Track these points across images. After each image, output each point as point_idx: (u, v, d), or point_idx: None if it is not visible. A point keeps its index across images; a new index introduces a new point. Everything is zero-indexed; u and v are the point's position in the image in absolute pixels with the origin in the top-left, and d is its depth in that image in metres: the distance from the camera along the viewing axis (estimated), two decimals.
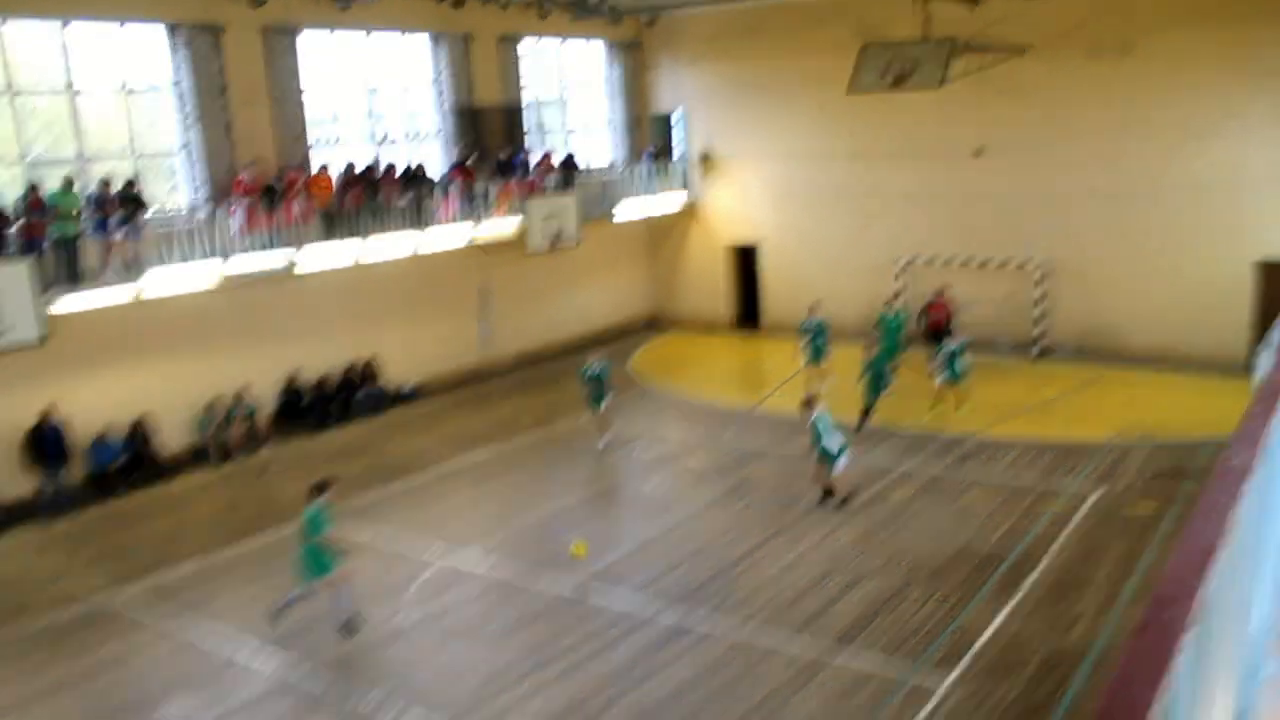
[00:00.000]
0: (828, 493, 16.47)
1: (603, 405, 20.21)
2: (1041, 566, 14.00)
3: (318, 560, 12.89)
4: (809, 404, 16.52)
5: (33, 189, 17.74)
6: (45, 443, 17.84)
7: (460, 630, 13.15)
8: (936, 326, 23.72)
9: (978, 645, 12.03)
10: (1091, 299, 24.87)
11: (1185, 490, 16.29)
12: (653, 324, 31.99)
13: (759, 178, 29.46)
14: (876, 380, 19.98)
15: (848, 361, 21.46)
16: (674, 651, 12.30)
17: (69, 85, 19.22)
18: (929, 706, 10.87)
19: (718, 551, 15.09)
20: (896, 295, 26.20)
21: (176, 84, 20.62)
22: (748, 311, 30.78)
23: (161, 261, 19.07)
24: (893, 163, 26.85)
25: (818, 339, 22.20)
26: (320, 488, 13.26)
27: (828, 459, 16.18)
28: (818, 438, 16.21)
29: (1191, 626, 2.45)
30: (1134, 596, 12.98)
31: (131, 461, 19.09)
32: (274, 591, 14.47)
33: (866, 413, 19.91)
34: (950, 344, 21.06)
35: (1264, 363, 12.48)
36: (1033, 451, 18.56)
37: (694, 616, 13.13)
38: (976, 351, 24.27)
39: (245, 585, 14.92)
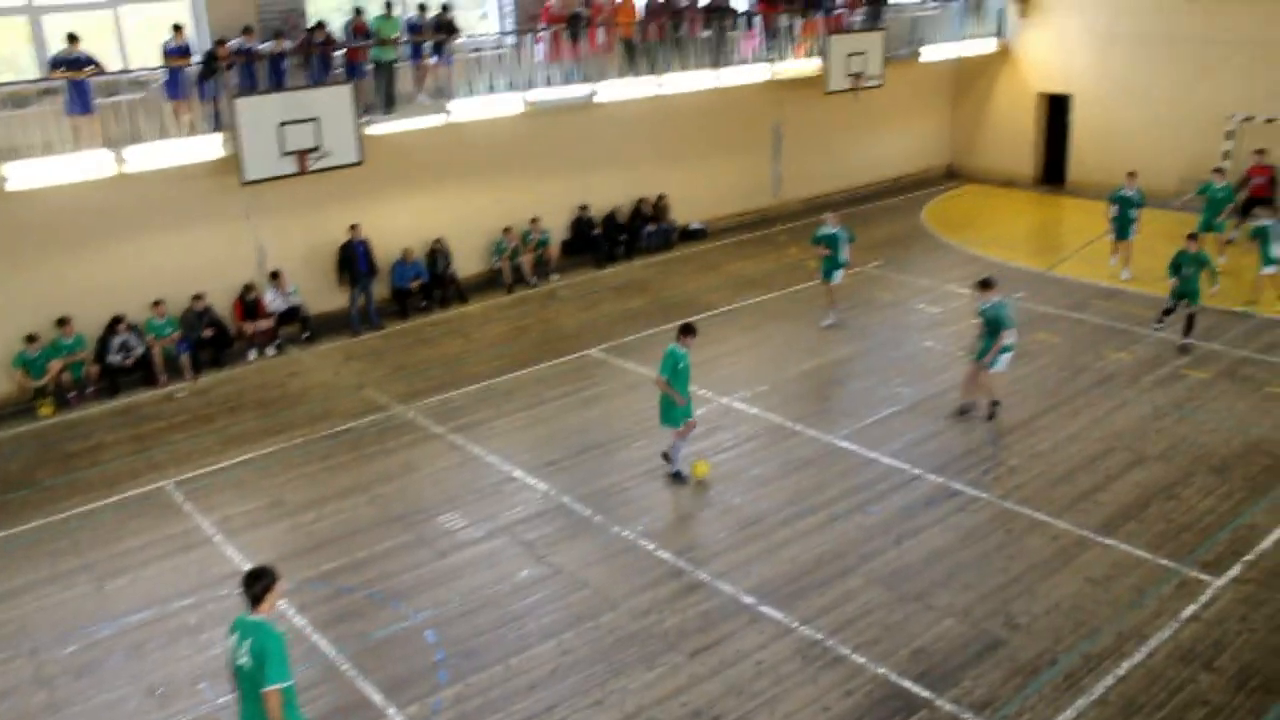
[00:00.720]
0: (994, 403, 14.71)
1: (835, 278, 18.45)
2: None
3: (665, 410, 13.14)
4: (986, 286, 14.39)
5: (357, 13, 18.71)
6: (354, 259, 19.13)
7: (724, 472, 13.50)
8: (1259, 194, 21.74)
9: (1261, 547, 11.36)
10: None
11: None
12: (950, 175, 30.82)
13: (1080, 20, 27.31)
14: (1184, 281, 16.81)
15: (1159, 233, 20.09)
16: (934, 515, 12.23)
17: None
18: (1197, 603, 10.42)
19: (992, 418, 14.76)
20: (1226, 156, 24.02)
21: None
22: (1052, 168, 29.07)
23: (469, 88, 19.85)
24: (1239, 5, 24.28)
25: (1128, 210, 20.22)
26: (685, 330, 13.10)
27: (986, 353, 14.26)
28: (991, 328, 14.18)
29: None
30: None
31: (430, 282, 20.29)
32: (551, 417, 15.36)
33: (1168, 311, 17.32)
34: (1266, 219, 18.95)
35: None
36: None
37: (959, 482, 12.96)
38: None
39: (525, 409, 15.75)
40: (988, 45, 28.86)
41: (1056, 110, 28.64)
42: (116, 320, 16.89)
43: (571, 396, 16.01)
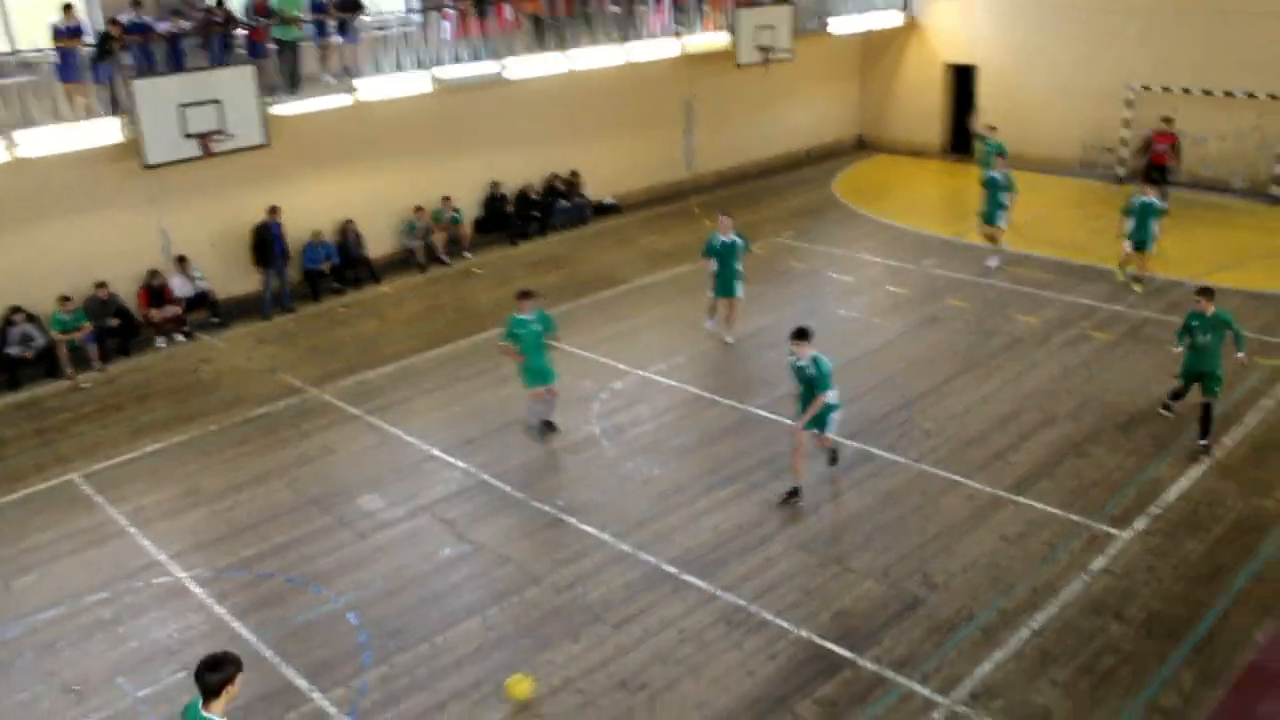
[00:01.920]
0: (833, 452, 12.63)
1: (738, 291, 16.35)
2: (1246, 426, 13.39)
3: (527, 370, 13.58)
4: (801, 337, 11.58)
5: None
6: (270, 242, 18.77)
7: (644, 444, 13.54)
8: (1159, 161, 22.27)
9: (1165, 500, 11.70)
10: None
11: None
12: (860, 145, 31.14)
13: None
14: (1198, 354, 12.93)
15: (1063, 200, 20.47)
16: (853, 479, 12.41)
17: None
18: (1106, 555, 10.72)
19: (906, 382, 14.96)
20: (1126, 124, 24.60)
21: None
22: (959, 137, 29.49)
23: (376, 67, 19.56)
24: None
25: (998, 194, 19.32)
26: (521, 295, 13.62)
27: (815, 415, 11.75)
28: (807, 388, 11.73)
29: None
30: None
31: (341, 264, 20.01)
32: (468, 394, 15.26)
33: (1176, 396, 13.55)
34: (1149, 196, 17.89)
35: None
36: (1256, 303, 17.50)
37: (875, 446, 13.15)
38: (1203, 192, 22.83)
39: (442, 387, 15.65)
40: (895, 18, 29.15)
41: (963, 80, 29.06)
42: (14, 311, 16.37)
43: (489, 374, 15.91)
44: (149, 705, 9.19)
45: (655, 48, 23.78)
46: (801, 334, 11.58)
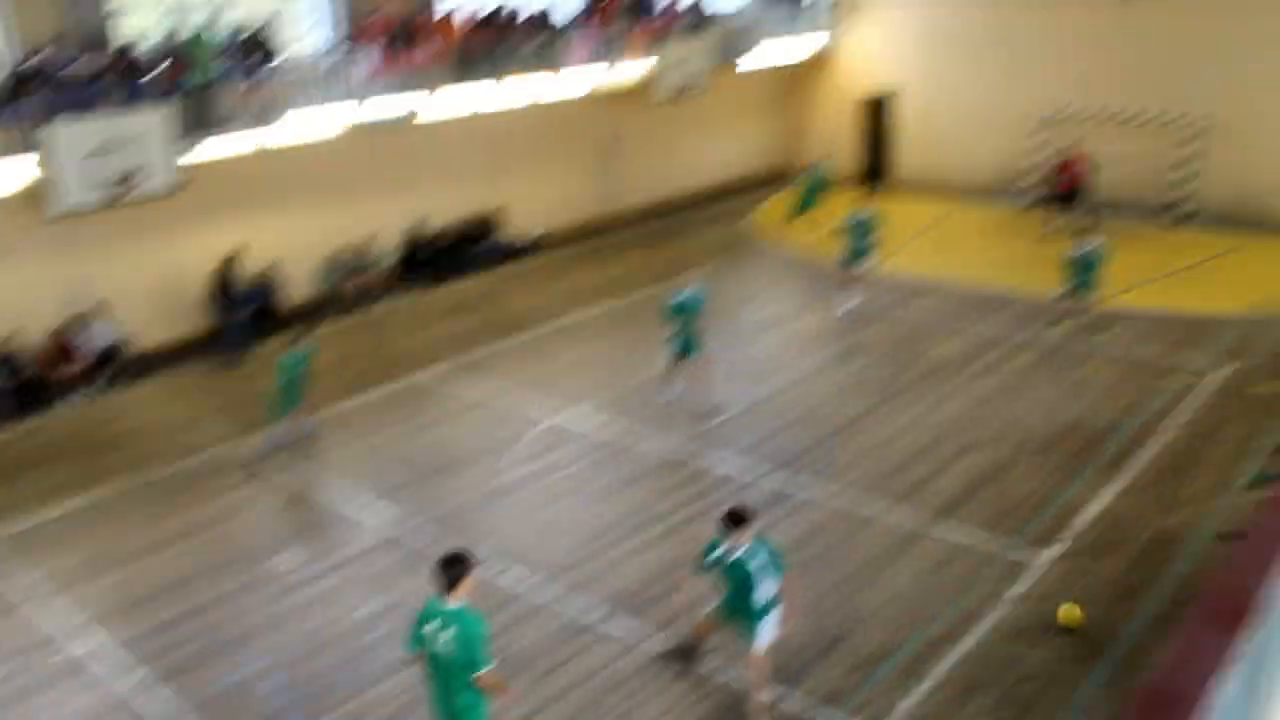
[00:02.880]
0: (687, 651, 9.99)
1: (694, 354, 15.39)
2: (1156, 444, 13.69)
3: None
4: (735, 523, 8.84)
5: (170, 34, 18.06)
6: (227, 287, 18.48)
7: (565, 488, 13.49)
8: (1070, 188, 22.77)
9: (1081, 522, 11.91)
10: (1244, 160, 23.42)
11: None
12: (778, 178, 31.44)
13: (897, 24, 28.28)
14: None
15: (979, 229, 20.85)
16: (774, 516, 12.41)
17: None
18: (1026, 581, 10.87)
19: (825, 416, 15.09)
20: (1038, 150, 25.15)
21: None
22: (875, 167, 29.98)
23: (293, 107, 19.36)
24: (1042, 8, 25.42)
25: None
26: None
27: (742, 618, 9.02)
28: (740, 585, 8.88)
29: None
30: (1249, 480, 12.64)
31: (258, 312, 19.70)
32: (386, 444, 15.07)
33: None
34: (1089, 247, 17.57)
35: None
36: (1160, 324, 17.94)
37: (796, 481, 13.23)
38: (1113, 214, 23.36)
39: (359, 439, 15.41)
40: (810, 50, 29.57)
41: (877, 109, 29.54)
42: None
43: (409, 421, 15.77)
44: None
45: (574, 84, 23.87)
46: (738, 519, 8.78)
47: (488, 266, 23.26)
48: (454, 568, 7.50)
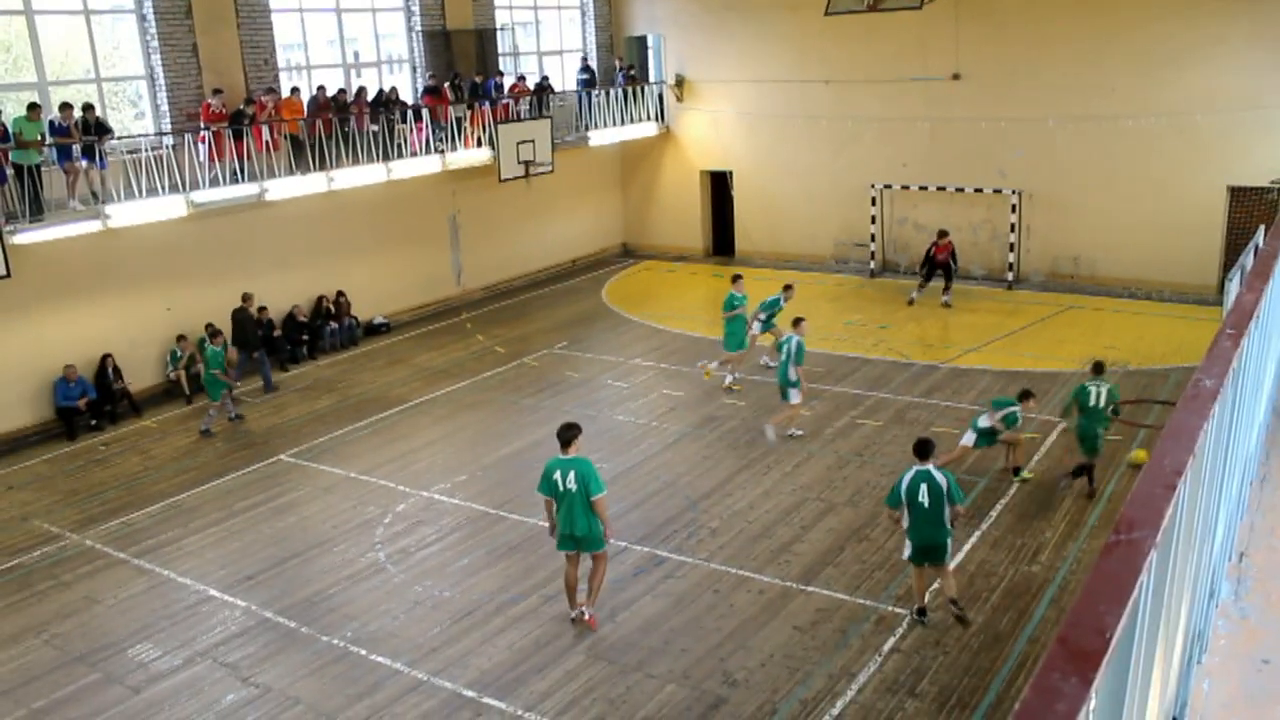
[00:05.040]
0: None
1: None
2: (1009, 495, 14.17)
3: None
4: None
5: None
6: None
7: (429, 567, 13.18)
8: (941, 263, 23.68)
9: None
10: (1064, 226, 24.89)
11: (1151, 416, 16.51)
12: (626, 253, 31.87)
13: (734, 102, 29.12)
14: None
15: (819, 294, 21.44)
16: (645, 585, 12.39)
17: (27, 6, 18.68)
18: (896, 635, 11.04)
19: (689, 484, 15.16)
20: (873, 220, 26.13)
21: (139, 5, 20.13)
22: (721, 240, 30.67)
23: (127, 191, 18.79)
24: (867, 88, 26.60)
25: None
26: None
27: None
28: None
29: (1156, 548, 2.48)
30: (1096, 524, 13.18)
31: (99, 399, 18.93)
32: (244, 528, 14.56)
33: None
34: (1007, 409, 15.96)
35: (1234, 288, 12.48)
36: (1004, 379, 18.66)
37: (664, 549, 13.20)
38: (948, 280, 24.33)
39: (216, 523, 14.86)
40: (650, 128, 30.18)
41: (720, 186, 30.28)
42: None
43: (264, 506, 15.26)
44: None
45: (417, 165, 23.80)
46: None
47: (338, 348, 22.85)
48: (568, 432, 11.00)
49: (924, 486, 10.78)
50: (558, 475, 10.82)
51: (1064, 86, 24.11)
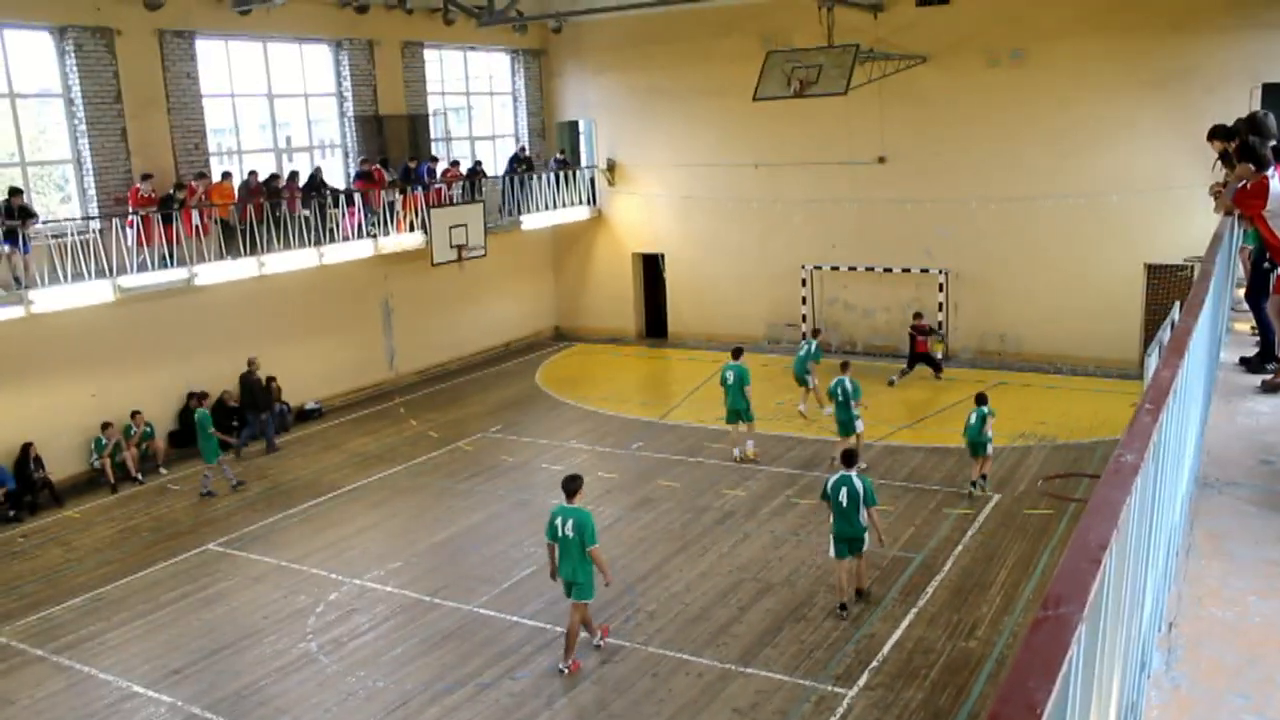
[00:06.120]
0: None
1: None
2: (944, 571, 14.25)
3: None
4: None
5: None
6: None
7: (363, 656, 12.91)
8: (923, 350, 24.14)
9: (883, 653, 12.17)
10: (990, 304, 25.42)
11: (1080, 489, 16.74)
12: (559, 336, 31.91)
13: (664, 186, 29.49)
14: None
15: (756, 374, 21.56)
16: (584, 669, 12.22)
17: None
18: (835, 716, 10.97)
19: (625, 566, 15.02)
20: (804, 301, 26.45)
21: (66, 90, 20.00)
22: (654, 322, 30.85)
23: (52, 276, 18.49)
24: (796, 171, 27.11)
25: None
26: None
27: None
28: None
29: (1084, 622, 2.50)
30: (1031, 597, 13.27)
31: (20, 489, 18.42)
32: (170, 621, 14.17)
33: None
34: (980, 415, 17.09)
35: (1152, 363, 12.73)
36: (936, 456, 18.88)
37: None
38: (879, 358, 24.70)
39: (141, 616, 14.43)
40: (582, 213, 30.42)
41: (652, 268, 30.52)
42: None
43: (192, 596, 14.88)
44: None
45: (349, 249, 23.73)
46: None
47: (268, 434, 22.48)
48: (572, 483, 11.81)
49: (844, 489, 12.90)
50: (559, 521, 11.65)
51: (985, 168, 24.79)
